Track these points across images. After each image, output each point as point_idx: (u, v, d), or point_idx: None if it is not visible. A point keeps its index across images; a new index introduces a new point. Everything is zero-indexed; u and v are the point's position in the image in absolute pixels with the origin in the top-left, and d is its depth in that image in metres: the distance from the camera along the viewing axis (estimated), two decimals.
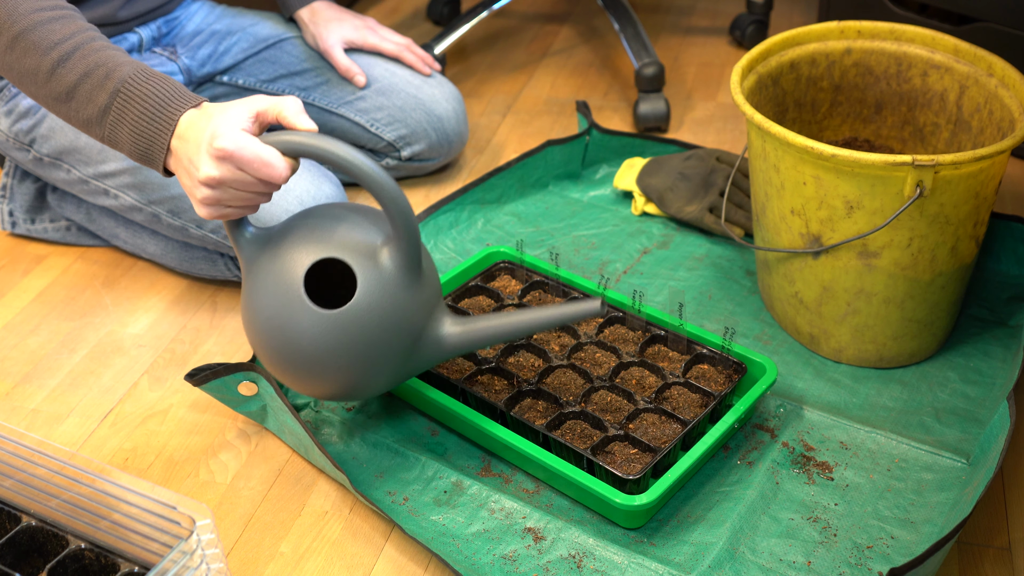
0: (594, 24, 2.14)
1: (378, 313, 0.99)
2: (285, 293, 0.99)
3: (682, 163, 1.54)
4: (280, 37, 1.56)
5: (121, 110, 1.01)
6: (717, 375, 1.18)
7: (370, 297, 0.98)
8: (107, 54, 1.04)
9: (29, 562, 0.99)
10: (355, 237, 1.00)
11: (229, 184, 0.96)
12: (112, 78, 1.02)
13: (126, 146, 1.03)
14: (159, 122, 1.00)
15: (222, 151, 0.94)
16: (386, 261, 0.99)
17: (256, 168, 0.94)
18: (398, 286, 1.00)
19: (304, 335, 0.99)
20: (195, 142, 0.97)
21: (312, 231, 1.00)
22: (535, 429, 1.10)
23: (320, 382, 1.03)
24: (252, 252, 1.03)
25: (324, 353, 0.99)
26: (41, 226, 1.51)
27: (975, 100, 1.25)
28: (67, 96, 1.04)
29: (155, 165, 1.02)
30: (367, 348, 1.00)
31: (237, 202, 0.98)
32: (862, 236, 1.13)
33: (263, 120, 0.98)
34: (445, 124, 1.57)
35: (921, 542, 1.03)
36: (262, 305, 1.00)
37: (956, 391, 1.21)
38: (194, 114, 0.99)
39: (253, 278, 1.02)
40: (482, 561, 1.03)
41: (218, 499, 1.12)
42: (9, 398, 1.26)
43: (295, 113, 0.97)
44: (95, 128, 1.04)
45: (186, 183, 0.99)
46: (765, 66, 1.30)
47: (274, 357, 1.02)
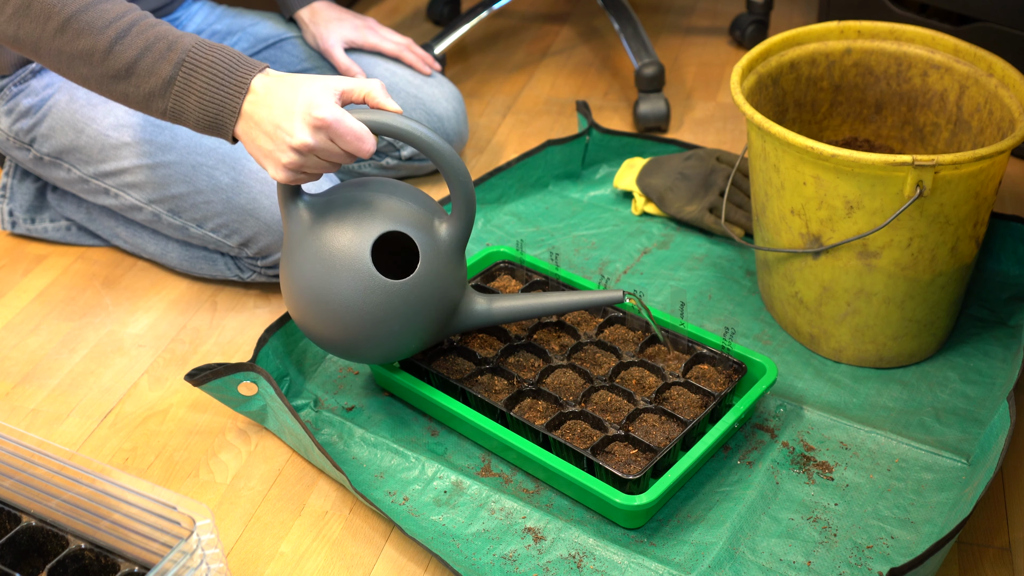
0: (594, 24, 2.14)
1: (433, 286, 1.07)
2: (350, 261, 1.03)
3: (682, 163, 1.54)
4: (280, 37, 1.56)
5: (187, 79, 1.02)
6: (717, 375, 1.18)
7: (429, 271, 1.06)
8: (164, 28, 1.05)
9: (29, 562, 0.99)
10: (415, 212, 1.07)
11: (317, 152, 1.00)
12: (175, 49, 1.03)
13: (192, 115, 1.04)
14: (230, 87, 1.02)
15: (322, 121, 0.97)
16: (444, 237, 1.07)
17: (349, 141, 0.99)
18: (450, 262, 1.08)
19: (368, 303, 1.04)
20: (284, 108, 0.99)
21: (374, 203, 1.06)
22: (535, 429, 1.10)
23: (365, 345, 1.08)
24: (308, 218, 1.06)
25: (385, 319, 1.06)
26: (41, 226, 1.51)
27: (975, 100, 1.25)
28: (127, 72, 1.04)
29: (224, 132, 1.04)
30: (417, 317, 1.07)
31: (315, 169, 1.02)
32: (862, 236, 1.13)
33: (347, 99, 1.02)
34: (445, 124, 1.57)
35: (921, 542, 1.03)
36: (321, 271, 1.04)
37: (956, 391, 1.21)
38: (268, 80, 1.02)
39: (311, 244, 1.05)
40: (482, 561, 1.03)
41: (218, 499, 1.12)
42: (9, 398, 1.26)
43: (382, 96, 1.02)
44: (157, 101, 1.05)
45: (266, 147, 1.01)
46: (765, 66, 1.30)
47: (328, 323, 1.06)
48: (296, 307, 1.08)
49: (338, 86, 1.01)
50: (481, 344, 1.24)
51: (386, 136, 1.01)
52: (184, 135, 1.33)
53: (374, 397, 1.23)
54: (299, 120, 0.98)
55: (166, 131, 1.33)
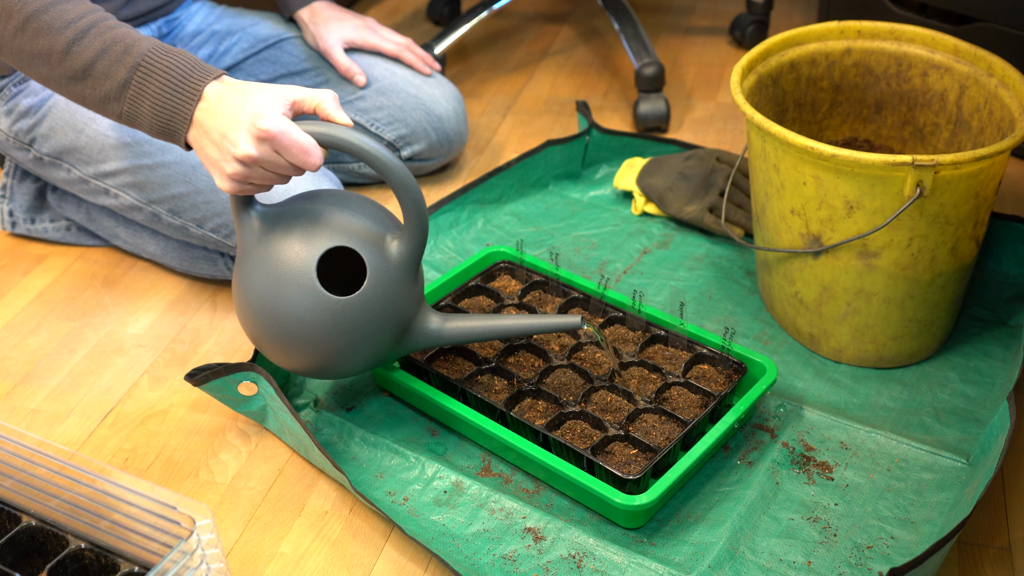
0: (594, 24, 2.14)
1: (380, 303, 1.04)
2: (295, 275, 1.02)
3: (682, 163, 1.54)
4: (280, 37, 1.56)
5: (142, 83, 1.02)
6: (717, 375, 1.18)
7: (376, 288, 1.03)
8: (123, 31, 1.04)
9: (29, 562, 0.99)
10: (365, 228, 1.04)
11: (262, 164, 0.98)
12: (131, 53, 1.02)
13: (146, 120, 1.03)
14: (182, 93, 1.01)
15: (266, 132, 0.96)
16: (394, 254, 1.05)
17: (294, 154, 0.97)
18: (400, 281, 1.05)
19: (312, 318, 1.02)
20: (231, 117, 0.98)
21: (325, 217, 1.04)
22: (535, 429, 1.10)
23: (311, 360, 1.07)
24: (259, 229, 1.04)
25: (329, 336, 1.03)
26: (41, 226, 1.51)
27: (975, 100, 1.25)
28: (83, 74, 1.04)
29: (176, 138, 1.03)
30: (365, 334, 1.05)
31: (262, 180, 1.01)
32: (862, 236, 1.13)
33: (298, 109, 1.00)
34: (445, 124, 1.57)
35: (921, 542, 1.03)
36: (268, 283, 1.03)
37: (956, 391, 1.21)
38: (221, 87, 1.00)
39: (260, 255, 1.04)
40: (482, 561, 1.03)
41: (218, 499, 1.12)
42: (9, 398, 1.26)
43: (334, 107, 1.00)
44: (112, 104, 1.04)
45: (213, 155, 1.00)
46: (765, 66, 1.30)
47: (273, 336, 1.05)
48: (244, 319, 1.07)
49: (289, 96, 0.99)
50: (481, 344, 1.24)
51: (335, 150, 0.98)
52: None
53: (374, 397, 1.23)
54: (244, 130, 0.96)
55: None
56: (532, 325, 1.11)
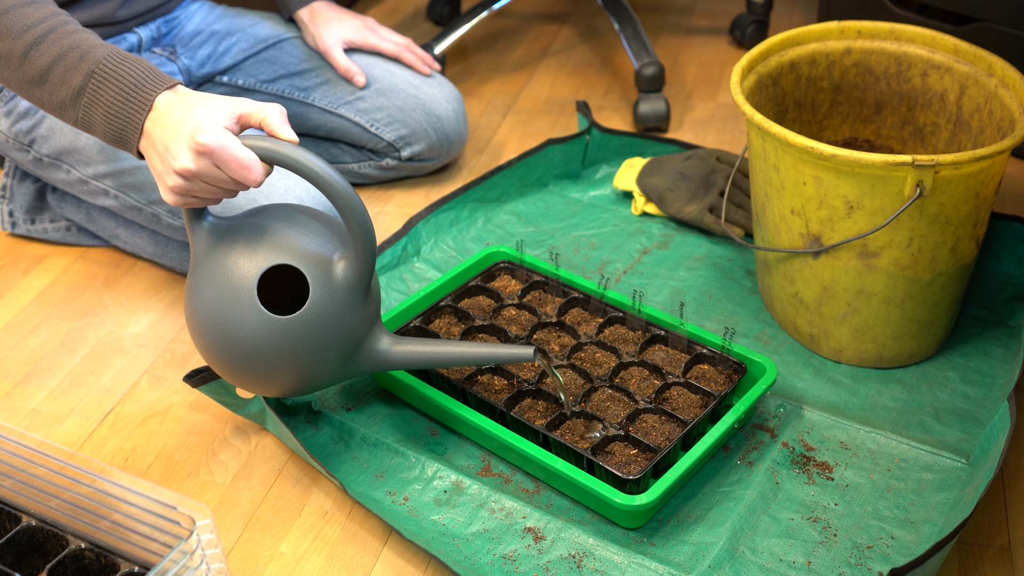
0: (594, 24, 2.14)
1: (324, 324, 1.01)
2: (237, 293, 1.00)
3: (682, 163, 1.54)
4: (280, 37, 1.56)
5: (96, 91, 1.01)
6: (717, 375, 1.18)
7: (319, 309, 1.01)
8: (80, 37, 1.04)
9: (29, 562, 0.99)
10: (312, 246, 1.02)
11: (202, 178, 0.96)
12: (86, 60, 1.02)
13: (99, 128, 1.03)
14: (134, 103, 1.00)
15: (204, 147, 0.94)
16: (339, 276, 1.02)
17: (233, 169, 0.95)
18: (346, 302, 1.02)
19: (251, 336, 1.00)
20: (174, 130, 0.97)
21: (271, 234, 1.01)
22: (535, 429, 1.10)
23: (257, 380, 1.05)
24: (208, 242, 1.03)
25: (268, 355, 1.01)
26: (41, 226, 1.51)
27: (975, 100, 1.25)
28: (40, 79, 1.04)
29: (128, 147, 1.02)
30: (309, 355, 1.02)
31: (205, 194, 0.99)
32: (862, 236, 1.13)
33: (245, 123, 0.98)
34: (445, 124, 1.57)
35: (921, 542, 1.03)
36: (211, 299, 1.01)
37: (956, 391, 1.21)
38: (172, 97, 0.99)
39: (205, 270, 1.02)
40: (482, 561, 1.03)
41: (218, 499, 1.12)
42: (9, 398, 1.26)
43: (279, 123, 0.97)
44: (69, 110, 1.04)
45: (157, 167, 0.99)
46: (765, 66, 1.30)
47: (215, 352, 1.03)
48: (192, 331, 1.05)
49: (236, 109, 0.97)
50: None
51: (279, 166, 0.97)
52: None
53: (374, 397, 1.23)
54: (184, 143, 0.95)
55: None
56: (485, 355, 1.08)
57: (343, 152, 1.60)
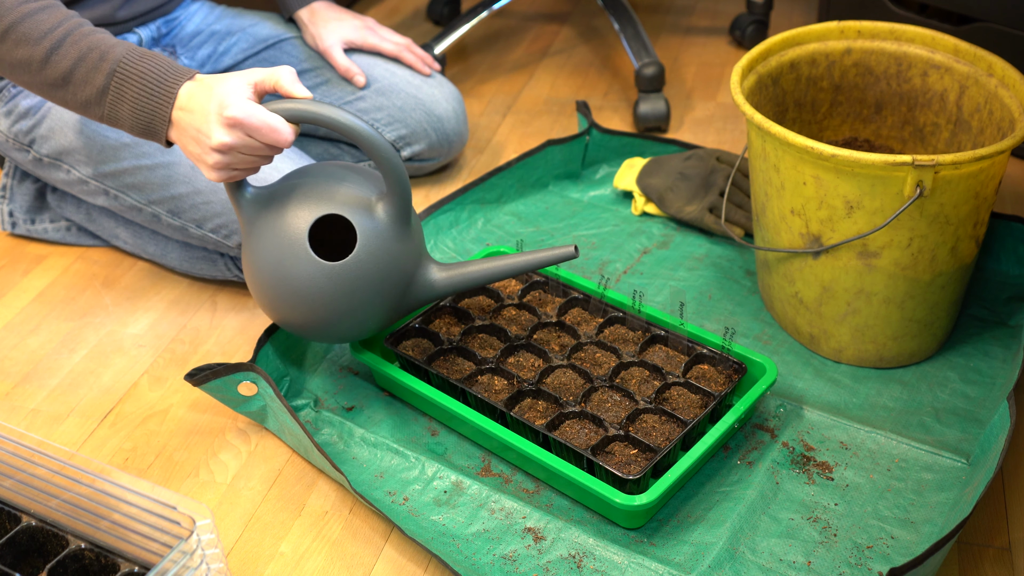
0: (594, 24, 2.14)
1: (375, 263, 1.08)
2: (291, 247, 1.07)
3: (682, 163, 1.54)
4: (280, 37, 1.56)
5: (120, 89, 1.06)
6: (717, 375, 1.18)
7: (368, 249, 1.08)
8: (97, 38, 1.09)
9: (29, 562, 0.99)
10: (352, 193, 1.09)
11: (239, 149, 1.03)
12: (107, 59, 1.07)
13: (127, 122, 1.08)
14: (159, 96, 1.05)
15: (233, 119, 1.00)
16: (381, 215, 1.09)
17: (264, 134, 1.01)
18: (392, 238, 1.09)
19: (311, 286, 1.07)
20: (202, 112, 1.02)
21: (312, 189, 1.09)
22: (535, 429, 1.10)
23: (322, 326, 1.11)
24: (254, 210, 1.10)
25: (328, 301, 1.08)
26: (41, 226, 1.51)
27: (975, 100, 1.25)
28: (63, 81, 1.09)
29: (157, 138, 1.08)
30: (365, 295, 1.09)
31: (244, 165, 1.05)
32: (862, 236, 1.13)
33: (261, 90, 1.04)
34: (445, 124, 1.57)
35: (921, 542, 1.03)
36: (268, 259, 1.08)
37: (956, 391, 1.21)
38: (193, 86, 1.05)
39: (258, 234, 1.09)
40: (482, 561, 1.03)
41: (218, 499, 1.12)
42: (9, 398, 1.26)
43: (291, 82, 1.04)
44: (94, 108, 1.09)
45: (194, 151, 1.05)
46: (765, 66, 1.30)
47: (279, 306, 1.10)
48: (259, 298, 1.12)
49: (250, 79, 1.04)
50: (481, 344, 1.24)
51: (303, 123, 1.04)
52: None
53: (374, 397, 1.23)
54: (214, 122, 1.02)
55: None
56: (530, 261, 1.13)
57: (343, 152, 1.60)
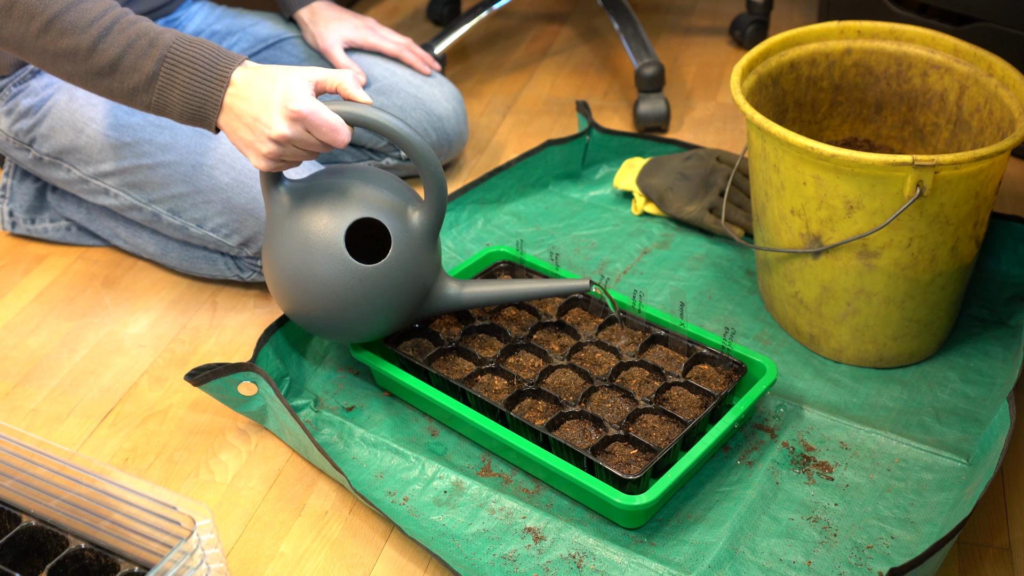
0: (594, 24, 2.14)
1: (404, 271, 1.11)
2: (325, 245, 1.08)
3: (682, 163, 1.54)
4: (280, 37, 1.56)
5: (170, 74, 1.06)
6: (717, 375, 1.18)
7: (400, 256, 1.11)
8: (144, 25, 1.09)
9: (29, 562, 0.99)
10: (389, 199, 1.12)
11: (295, 142, 1.04)
12: (157, 46, 1.07)
13: (176, 108, 1.08)
14: (211, 81, 1.06)
15: (298, 113, 1.02)
16: (415, 224, 1.12)
17: (324, 132, 1.03)
18: (422, 248, 1.12)
19: (339, 285, 1.09)
20: (262, 101, 1.03)
21: (351, 189, 1.11)
22: (535, 429, 1.10)
23: (338, 325, 1.13)
24: (289, 202, 1.11)
25: (355, 302, 1.10)
26: (41, 226, 1.51)
27: (975, 100, 1.25)
28: (111, 68, 1.08)
29: (207, 123, 1.08)
30: (388, 300, 1.12)
31: (294, 157, 1.07)
32: (862, 236, 1.13)
33: (321, 89, 1.06)
34: (445, 124, 1.57)
35: (921, 542, 1.03)
36: (298, 252, 1.09)
37: (956, 391, 1.21)
38: (248, 73, 1.06)
39: (289, 227, 1.10)
40: (482, 561, 1.03)
41: (218, 499, 1.12)
42: (9, 398, 1.26)
43: (354, 87, 1.06)
44: (141, 96, 1.09)
45: (247, 137, 1.05)
46: (765, 66, 1.30)
47: (299, 299, 1.12)
48: (276, 288, 1.13)
49: (312, 76, 1.05)
50: (481, 344, 1.24)
51: (359, 127, 1.05)
52: (184, 135, 1.33)
53: (374, 397, 1.23)
54: (277, 112, 1.02)
55: (166, 131, 1.33)
56: (543, 289, 1.17)
57: (343, 151, 1.60)
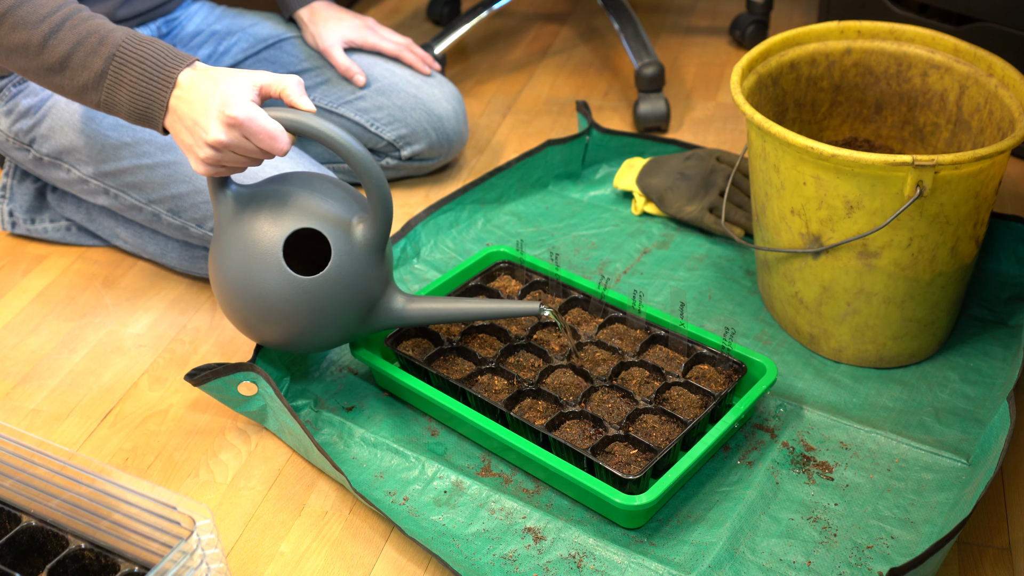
0: (594, 24, 2.14)
1: (344, 284, 1.08)
2: (263, 254, 1.06)
3: (682, 163, 1.54)
4: (280, 37, 1.56)
5: (118, 73, 1.05)
6: (717, 375, 1.18)
7: (340, 269, 1.07)
8: (96, 22, 1.08)
9: (29, 562, 0.99)
10: (333, 210, 1.08)
11: (233, 148, 1.02)
12: (106, 44, 1.06)
13: (124, 108, 1.07)
14: (158, 82, 1.04)
15: (234, 119, 1.00)
16: (359, 237, 1.08)
17: (261, 139, 1.01)
18: (365, 261, 1.09)
19: (277, 296, 1.07)
20: (202, 105, 1.01)
21: (294, 200, 1.08)
22: (535, 429, 1.10)
23: (279, 335, 1.11)
24: (233, 208, 1.08)
25: (293, 313, 1.08)
26: (41, 226, 1.51)
27: (975, 100, 1.25)
28: (60, 66, 1.07)
29: (154, 124, 1.07)
30: (330, 312, 1.09)
31: (234, 163, 1.05)
32: (862, 236, 1.13)
33: (266, 93, 1.03)
34: (445, 124, 1.57)
35: (921, 542, 1.03)
36: (238, 261, 1.07)
37: (956, 391, 1.21)
38: (193, 74, 1.04)
39: (232, 234, 1.08)
40: (482, 561, 1.03)
41: (218, 499, 1.12)
42: (9, 398, 1.26)
43: (298, 93, 1.04)
44: (91, 94, 1.08)
45: (187, 141, 1.04)
46: (765, 66, 1.30)
47: (242, 311, 1.10)
48: (219, 294, 1.12)
49: (258, 81, 1.03)
50: (481, 344, 1.24)
51: (301, 135, 1.02)
52: None
53: (374, 397, 1.23)
54: (214, 117, 1.00)
55: None
56: (493, 309, 1.14)
57: None
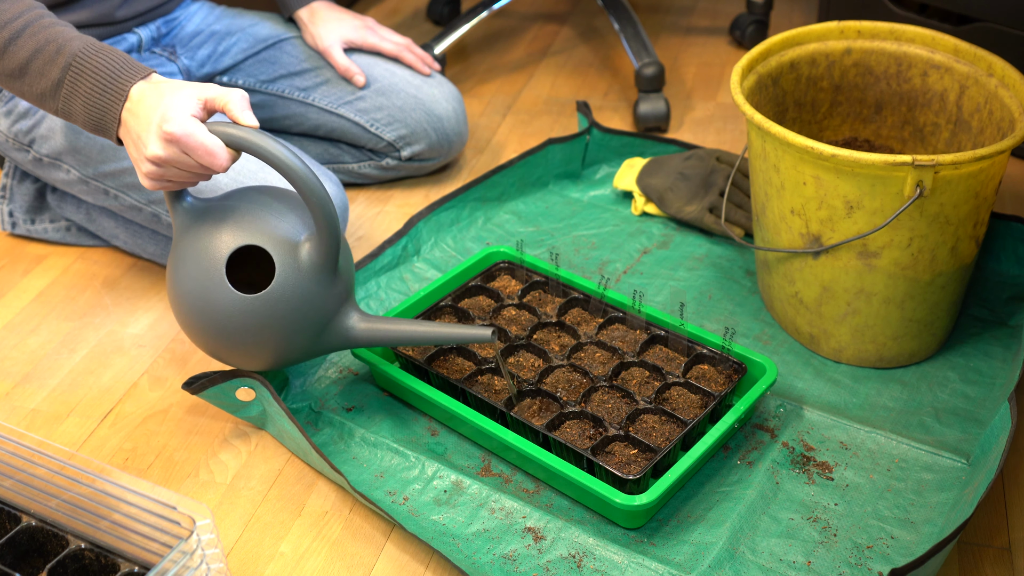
0: (594, 24, 2.14)
1: (290, 303, 1.06)
2: (209, 272, 1.05)
3: (682, 163, 1.54)
4: (280, 37, 1.56)
5: (74, 83, 1.06)
6: (717, 375, 1.18)
7: (285, 287, 1.05)
8: (56, 30, 1.08)
9: (29, 562, 0.99)
10: (280, 228, 1.06)
11: (173, 164, 1.02)
12: (63, 53, 1.06)
13: (80, 117, 1.07)
14: (111, 94, 1.04)
15: (170, 135, 0.99)
16: (305, 256, 1.06)
17: (200, 155, 1.00)
18: (313, 281, 1.07)
19: (222, 313, 1.06)
20: (145, 119, 1.01)
21: (245, 215, 1.06)
22: (535, 429, 1.10)
23: (233, 354, 1.10)
24: (185, 221, 1.08)
25: (239, 331, 1.07)
26: (41, 226, 1.51)
27: (975, 100, 1.25)
28: (20, 72, 1.08)
29: (109, 135, 1.07)
30: (277, 331, 1.07)
31: (178, 179, 1.05)
32: (862, 236, 1.13)
33: (211, 108, 1.03)
34: (445, 124, 1.57)
35: (921, 542, 1.03)
36: (187, 276, 1.07)
37: (956, 391, 1.21)
38: (145, 87, 1.04)
39: (183, 249, 1.08)
40: (482, 561, 1.03)
41: (218, 499, 1.12)
42: (9, 398, 1.26)
43: (240, 108, 1.02)
44: (49, 101, 1.08)
45: (133, 154, 1.05)
46: (765, 66, 1.30)
47: (192, 327, 1.09)
48: (172, 305, 1.11)
49: (203, 94, 1.02)
50: (481, 344, 1.24)
51: (242, 151, 1.01)
52: None
53: (374, 397, 1.23)
54: (153, 132, 1.00)
55: None
56: (444, 335, 1.10)
57: (343, 152, 1.60)
